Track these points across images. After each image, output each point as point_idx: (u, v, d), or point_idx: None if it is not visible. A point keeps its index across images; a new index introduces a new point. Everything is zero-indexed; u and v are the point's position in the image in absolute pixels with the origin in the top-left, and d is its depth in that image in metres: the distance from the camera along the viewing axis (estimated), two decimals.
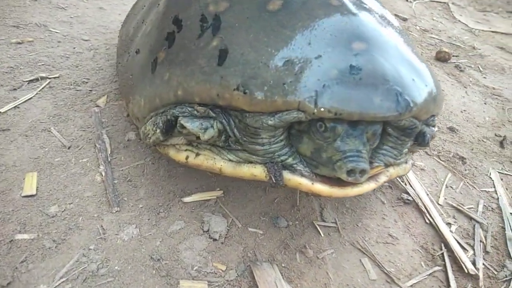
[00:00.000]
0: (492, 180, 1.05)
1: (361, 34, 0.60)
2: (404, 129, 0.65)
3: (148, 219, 0.75)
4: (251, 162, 0.65)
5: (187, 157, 0.70)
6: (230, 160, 0.67)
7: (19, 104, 0.96)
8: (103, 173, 0.81)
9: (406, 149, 0.71)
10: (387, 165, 0.69)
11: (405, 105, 0.58)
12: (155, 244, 0.71)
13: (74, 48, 1.20)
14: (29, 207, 0.74)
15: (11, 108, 0.94)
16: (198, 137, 0.65)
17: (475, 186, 1.02)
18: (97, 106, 1.00)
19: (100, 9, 1.46)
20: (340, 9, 0.62)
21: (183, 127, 0.65)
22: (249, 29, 0.62)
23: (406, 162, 0.76)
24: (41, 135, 0.89)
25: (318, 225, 0.80)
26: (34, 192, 0.76)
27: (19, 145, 0.86)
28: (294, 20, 0.61)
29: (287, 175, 0.62)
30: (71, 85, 1.05)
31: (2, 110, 0.93)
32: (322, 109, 0.55)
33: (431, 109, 0.65)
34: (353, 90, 0.56)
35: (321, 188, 0.61)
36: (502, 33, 2.25)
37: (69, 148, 0.87)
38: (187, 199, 0.79)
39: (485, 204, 0.96)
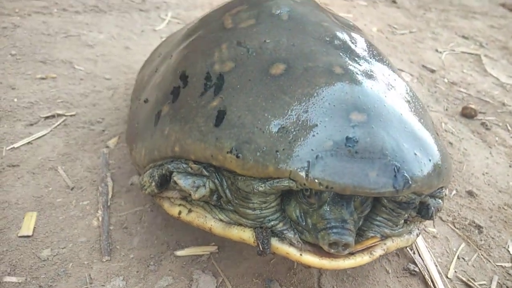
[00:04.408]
0: (511, 254, 0.99)
1: (362, 104, 0.59)
2: (401, 203, 0.62)
3: (137, 272, 0.73)
4: (241, 225, 0.63)
5: (179, 212, 0.69)
6: (220, 220, 0.65)
7: (32, 140, 0.99)
8: (100, 218, 0.81)
9: (403, 220, 0.68)
10: (383, 236, 0.65)
11: (403, 182, 0.55)
12: None
13: (95, 86, 1.24)
14: (23, 248, 0.74)
15: (24, 144, 0.97)
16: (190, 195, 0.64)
17: (490, 260, 0.95)
18: (107, 147, 1.01)
19: (126, 48, 1.52)
20: (342, 77, 0.61)
21: (176, 183, 0.65)
22: (249, 92, 0.62)
23: (410, 233, 0.72)
24: (48, 173, 0.91)
25: None
26: (30, 233, 0.77)
27: (25, 183, 0.87)
28: (295, 87, 0.61)
29: (275, 243, 0.60)
30: (86, 123, 1.08)
31: (16, 145, 0.96)
32: (313, 181, 0.53)
33: (435, 184, 0.62)
34: (347, 163, 0.54)
35: (310, 259, 0.59)
36: None
37: (72, 189, 0.88)
38: (179, 253, 0.77)
39: (499, 281, 0.90)
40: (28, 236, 0.76)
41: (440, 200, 0.72)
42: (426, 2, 3.16)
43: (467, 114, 1.67)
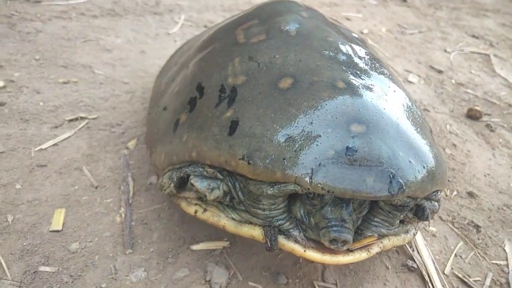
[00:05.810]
0: (506, 253, 1.04)
1: (361, 116, 0.65)
2: (396, 206, 0.68)
3: (157, 264, 0.81)
4: (251, 223, 0.70)
5: (195, 211, 0.76)
6: (233, 219, 0.72)
7: (58, 142, 1.07)
8: (123, 215, 0.89)
9: (398, 221, 0.74)
10: (380, 236, 0.72)
11: (397, 187, 0.61)
12: None
13: (114, 90, 1.32)
14: (54, 241, 0.82)
15: (50, 146, 1.05)
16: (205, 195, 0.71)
17: (486, 258, 1.01)
18: (127, 148, 1.09)
19: (142, 52, 1.59)
20: (344, 91, 0.68)
21: (193, 185, 0.72)
22: (259, 104, 0.68)
23: (407, 232, 0.78)
24: (74, 173, 0.99)
25: (318, 285, 0.83)
26: (60, 228, 0.85)
27: (53, 182, 0.95)
28: (300, 100, 0.67)
29: (282, 240, 0.67)
30: (107, 126, 1.15)
31: (43, 146, 1.04)
32: (316, 186, 0.60)
33: (428, 189, 0.68)
34: (347, 170, 0.60)
35: (312, 255, 0.66)
36: None
37: (96, 187, 0.96)
38: (195, 247, 0.85)
39: (493, 277, 0.95)
40: (58, 231, 0.84)
41: (436, 203, 0.78)
42: (437, 0, 3.17)
43: (472, 115, 1.71)
